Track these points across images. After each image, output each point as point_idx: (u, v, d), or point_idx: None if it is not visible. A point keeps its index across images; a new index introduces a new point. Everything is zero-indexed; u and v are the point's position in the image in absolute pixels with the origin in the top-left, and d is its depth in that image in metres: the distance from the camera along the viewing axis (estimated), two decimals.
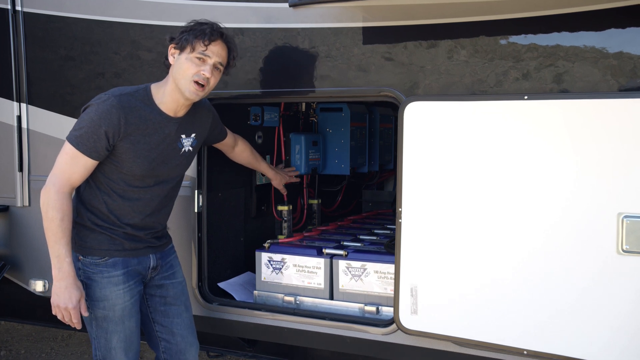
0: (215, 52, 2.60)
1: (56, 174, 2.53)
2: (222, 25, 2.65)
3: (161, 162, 2.69)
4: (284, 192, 3.80)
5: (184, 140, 2.75)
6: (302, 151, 3.98)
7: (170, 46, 2.65)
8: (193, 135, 2.79)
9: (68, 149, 2.54)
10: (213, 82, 2.63)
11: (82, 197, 2.69)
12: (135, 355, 2.77)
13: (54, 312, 2.55)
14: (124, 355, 2.70)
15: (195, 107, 2.79)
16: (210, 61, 2.59)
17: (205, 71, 2.57)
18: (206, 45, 2.56)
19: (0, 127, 3.76)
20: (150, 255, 2.78)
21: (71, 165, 2.53)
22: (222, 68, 2.66)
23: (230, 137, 3.22)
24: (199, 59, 2.57)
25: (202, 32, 2.56)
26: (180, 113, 2.70)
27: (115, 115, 2.52)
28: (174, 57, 2.63)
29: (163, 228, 2.88)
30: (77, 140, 2.52)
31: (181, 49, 2.59)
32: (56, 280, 2.51)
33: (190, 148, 2.80)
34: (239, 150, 3.32)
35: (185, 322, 2.91)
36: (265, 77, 3.12)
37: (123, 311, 2.67)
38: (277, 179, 3.70)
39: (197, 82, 2.58)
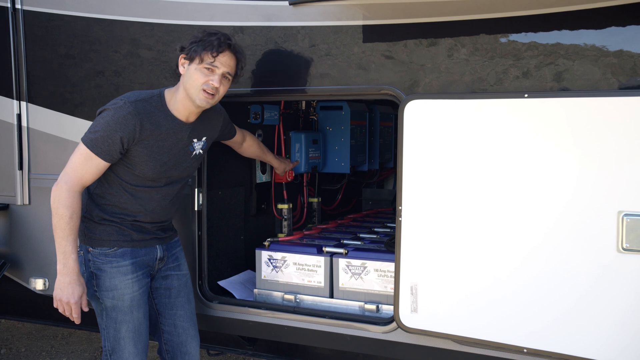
0: (224, 62, 2.65)
1: (69, 172, 2.60)
2: (230, 36, 2.70)
3: (173, 166, 2.76)
4: (281, 174, 3.88)
5: (195, 144, 2.82)
6: (302, 149, 3.98)
7: (180, 56, 2.69)
8: (204, 138, 2.87)
9: (82, 149, 2.60)
10: (222, 90, 2.70)
11: (92, 194, 2.76)
12: (144, 347, 2.80)
13: (55, 306, 2.61)
14: (132, 346, 2.74)
15: (207, 111, 2.84)
16: (219, 71, 2.65)
17: (214, 81, 2.64)
18: (214, 57, 2.62)
19: (0, 125, 3.76)
20: (157, 247, 2.85)
21: (84, 166, 2.60)
22: (230, 77, 2.72)
23: (239, 134, 3.28)
24: (208, 69, 2.63)
25: (210, 44, 2.61)
26: (192, 118, 2.77)
27: (131, 122, 2.59)
28: (184, 67, 2.69)
29: (169, 221, 2.94)
30: (93, 142, 2.59)
31: (190, 59, 2.65)
32: (60, 275, 2.57)
33: (201, 151, 2.87)
34: (247, 145, 3.39)
35: (187, 314, 2.96)
36: (265, 75, 3.12)
37: (132, 301, 2.73)
38: (281, 167, 3.77)
39: (206, 91, 2.64)
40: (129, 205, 2.73)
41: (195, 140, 2.81)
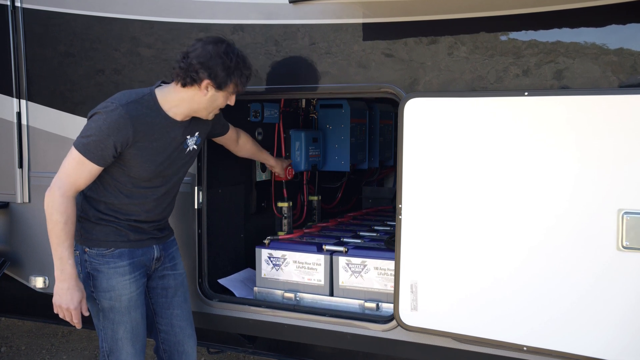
0: None
1: (61, 177, 2.56)
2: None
3: (168, 165, 2.74)
4: (282, 175, 3.83)
5: (188, 141, 2.81)
6: (302, 148, 3.98)
7: (206, 81, 2.59)
8: (197, 134, 2.85)
9: (75, 154, 2.56)
10: None
11: (87, 195, 2.73)
12: (142, 347, 2.79)
13: (55, 311, 2.60)
14: (130, 346, 2.73)
15: None
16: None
17: (231, 101, 2.74)
18: (243, 89, 2.70)
19: (0, 124, 3.76)
20: (154, 246, 2.84)
21: (77, 171, 2.56)
22: None
23: (232, 131, 3.25)
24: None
25: (244, 77, 2.66)
26: (187, 118, 2.76)
27: (123, 127, 2.55)
28: (207, 90, 2.63)
29: (165, 221, 2.92)
30: (85, 147, 2.55)
31: (219, 88, 2.63)
32: (58, 281, 2.55)
33: (195, 146, 2.86)
34: (242, 143, 3.36)
35: (184, 313, 2.95)
36: (265, 73, 3.11)
37: (129, 302, 2.72)
38: (279, 166, 3.73)
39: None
40: (125, 206, 2.70)
41: (188, 137, 2.79)
